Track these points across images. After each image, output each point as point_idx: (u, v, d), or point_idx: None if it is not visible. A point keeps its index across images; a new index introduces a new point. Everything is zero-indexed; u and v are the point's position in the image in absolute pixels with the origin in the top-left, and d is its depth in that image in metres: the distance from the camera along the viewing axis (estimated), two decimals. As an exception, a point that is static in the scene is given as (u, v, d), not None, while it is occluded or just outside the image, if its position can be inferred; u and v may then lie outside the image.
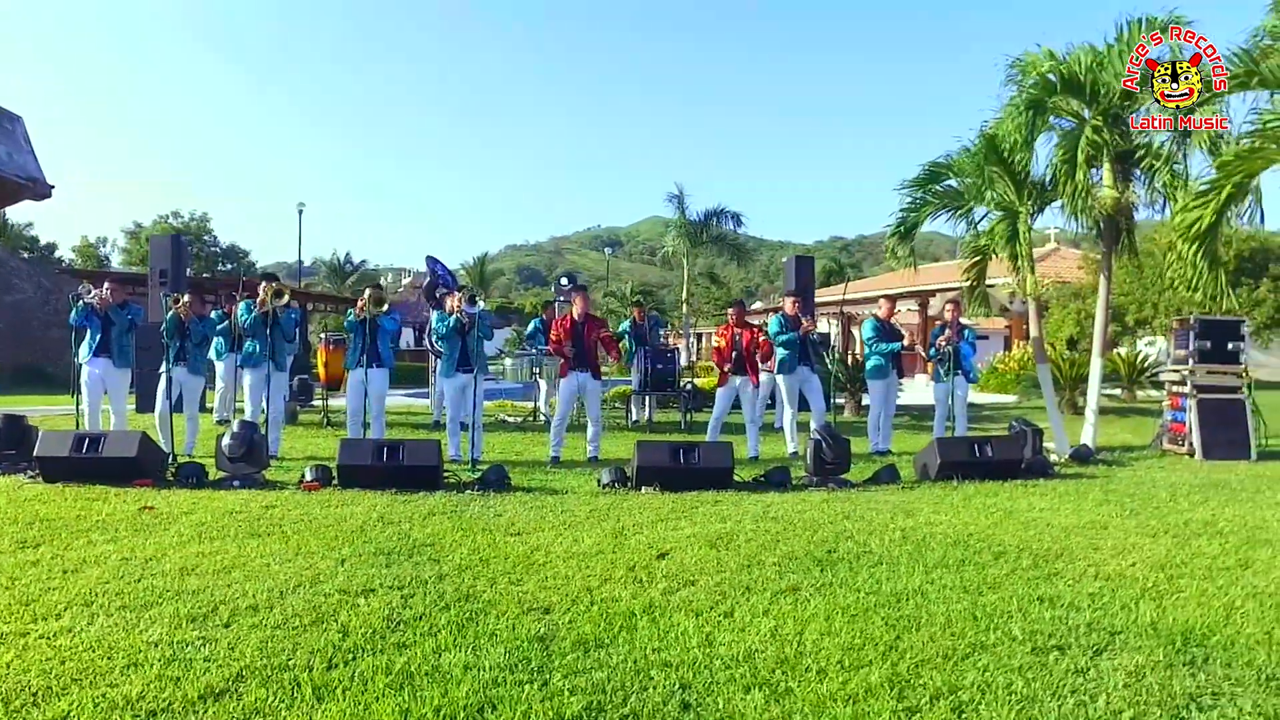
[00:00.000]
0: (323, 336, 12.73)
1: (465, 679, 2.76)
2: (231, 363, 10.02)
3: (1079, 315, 19.85)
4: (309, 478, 6.79)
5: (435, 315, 9.05)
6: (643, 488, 6.68)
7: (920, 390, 16.89)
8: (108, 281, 8.82)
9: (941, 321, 9.74)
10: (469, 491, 6.52)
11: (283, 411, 9.30)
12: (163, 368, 8.30)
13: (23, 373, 18.32)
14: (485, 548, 4.66)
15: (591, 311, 9.09)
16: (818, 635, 3.21)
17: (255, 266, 49.11)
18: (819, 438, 7.16)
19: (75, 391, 8.42)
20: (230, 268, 44.29)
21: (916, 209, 10.19)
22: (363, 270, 58.26)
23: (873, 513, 5.74)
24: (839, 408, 14.20)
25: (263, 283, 8.68)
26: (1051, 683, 2.81)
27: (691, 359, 25.95)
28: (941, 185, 10.09)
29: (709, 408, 9.43)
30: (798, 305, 9.43)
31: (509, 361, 12.38)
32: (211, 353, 10.34)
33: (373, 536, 4.92)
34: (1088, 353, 15.93)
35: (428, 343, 10.94)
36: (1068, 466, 8.31)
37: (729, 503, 6.09)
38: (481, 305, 8.64)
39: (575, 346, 8.49)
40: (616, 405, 13.67)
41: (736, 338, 8.97)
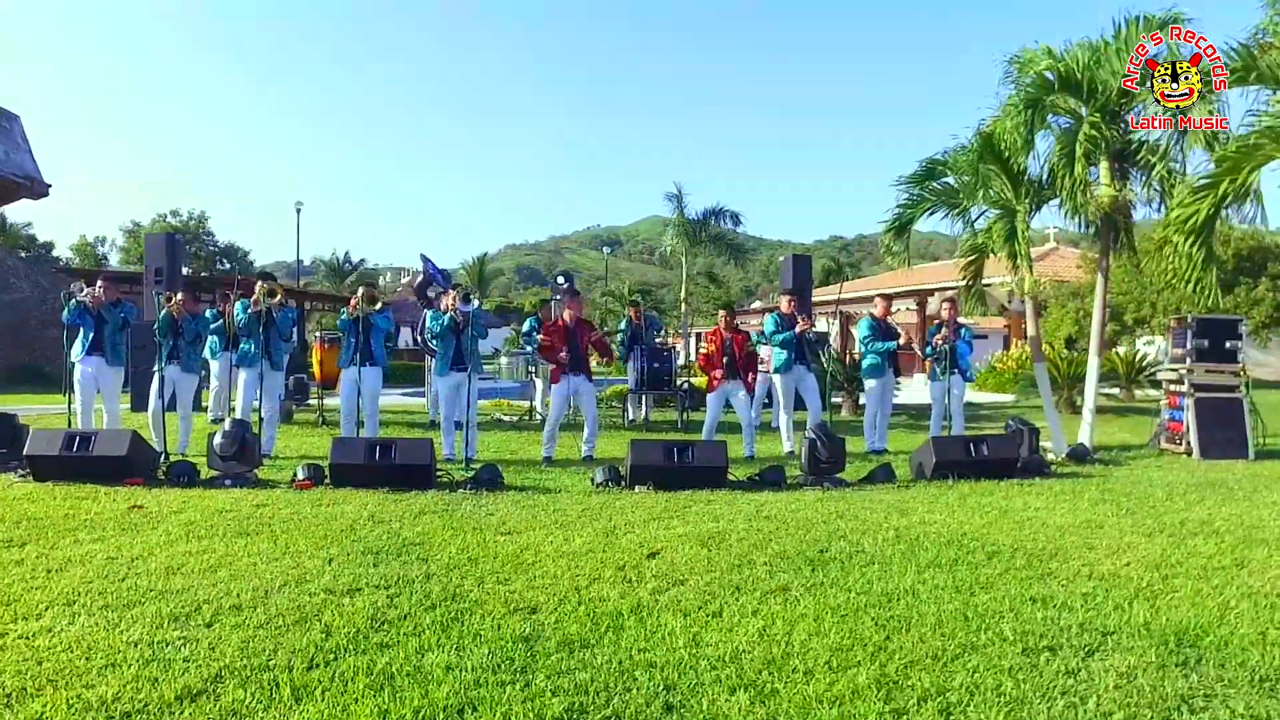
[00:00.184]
0: (318, 335, 12.67)
1: (446, 680, 2.72)
2: (226, 361, 9.98)
3: (1077, 314, 19.81)
4: (301, 477, 6.77)
5: (430, 314, 9.00)
6: (636, 487, 6.64)
7: (918, 389, 16.85)
8: (101, 280, 8.78)
9: (938, 320, 9.69)
10: (461, 490, 6.49)
11: (278, 410, 9.26)
12: (156, 366, 8.26)
13: (20, 372, 18.29)
14: (475, 547, 4.63)
15: (583, 315, 9.04)
16: (806, 635, 3.16)
17: (253, 265, 49.14)
18: (814, 437, 7.12)
19: (68, 390, 8.38)
20: (229, 267, 44.28)
21: (913, 205, 10.14)
22: (362, 269, 58.32)
23: (867, 512, 5.70)
24: (836, 407, 14.16)
25: (258, 282, 8.64)
26: (1041, 684, 2.77)
27: (690, 358, 25.89)
28: (938, 182, 10.04)
29: (706, 406, 9.39)
30: (794, 304, 9.37)
31: (505, 360, 12.34)
32: (206, 351, 10.32)
33: (362, 535, 4.89)
34: (1086, 352, 15.95)
35: (420, 340, 10.88)
36: (1064, 466, 8.27)
37: (722, 502, 6.05)
38: (476, 303, 8.60)
39: (570, 351, 8.42)
40: (613, 404, 13.64)
41: (728, 342, 8.91)
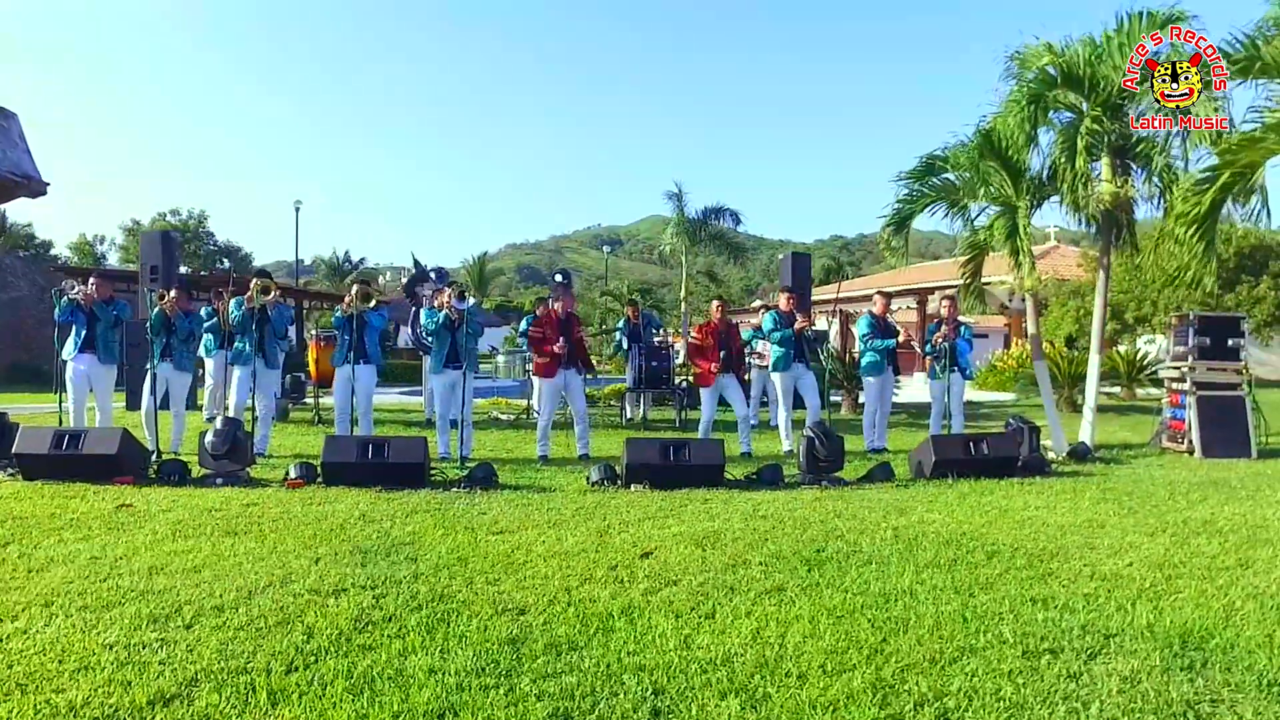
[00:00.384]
0: (314, 333, 12.59)
1: (428, 684, 2.63)
2: (222, 360, 9.92)
3: (1078, 313, 19.72)
4: (293, 475, 6.70)
5: (425, 311, 8.92)
6: (632, 485, 6.57)
7: (918, 388, 16.76)
8: (93, 277, 8.71)
9: (938, 318, 9.60)
10: (455, 489, 6.42)
11: (273, 409, 9.19)
12: (148, 364, 8.20)
13: (17, 371, 18.24)
14: (465, 546, 4.55)
15: (573, 311, 8.96)
16: (800, 638, 3.08)
17: (252, 264, 49.10)
18: (812, 435, 7.04)
19: (59, 388, 8.31)
20: (228, 266, 44.20)
21: (912, 201, 10.04)
22: (362, 269, 58.26)
23: (865, 511, 5.62)
24: (835, 405, 14.08)
25: (253, 280, 8.57)
26: (1042, 689, 2.68)
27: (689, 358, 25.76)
28: (938, 178, 9.94)
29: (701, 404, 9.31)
30: (793, 301, 9.29)
31: (502, 358, 12.26)
32: (201, 349, 10.26)
33: (351, 535, 4.81)
34: (1086, 351, 15.86)
35: (415, 338, 10.79)
36: (1065, 464, 8.18)
37: (718, 501, 5.97)
38: (471, 301, 8.52)
39: (564, 343, 8.36)
40: (612, 403, 13.56)
41: (723, 334, 8.82)
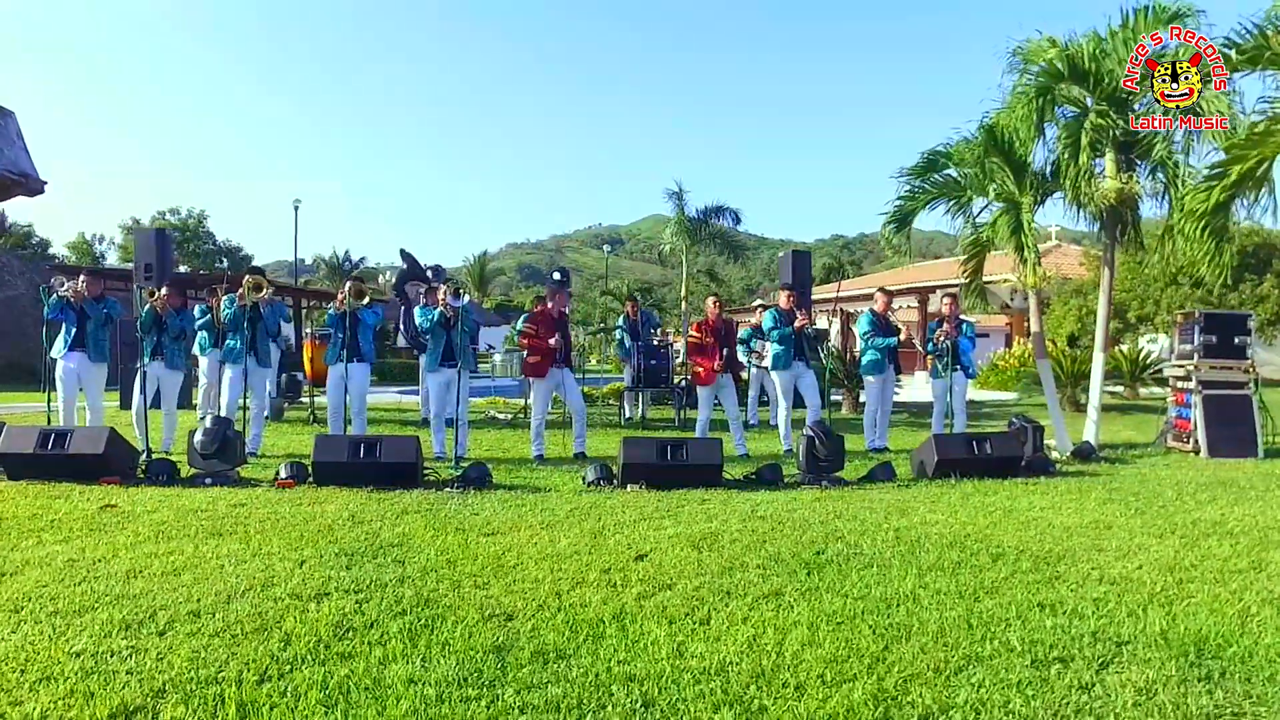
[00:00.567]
0: (309, 332, 12.46)
1: (407, 695, 2.50)
2: (215, 358, 9.80)
3: (1080, 312, 19.60)
4: (283, 475, 6.58)
5: (420, 309, 8.79)
6: (628, 486, 6.44)
7: (919, 387, 16.62)
8: (83, 274, 8.59)
9: (939, 316, 9.47)
10: (448, 490, 6.30)
11: (266, 407, 9.07)
12: (139, 363, 8.10)
13: (14, 370, 18.12)
14: (455, 548, 4.42)
15: (566, 310, 8.86)
16: (799, 646, 2.94)
17: (251, 263, 49.01)
18: (812, 434, 6.91)
19: (49, 387, 8.20)
20: (227, 265, 44.12)
21: (914, 198, 9.92)
22: (362, 268, 58.12)
23: (866, 512, 5.49)
24: (836, 404, 13.95)
25: (244, 277, 8.47)
26: (1053, 701, 2.54)
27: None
28: (940, 175, 9.82)
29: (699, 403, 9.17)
30: (793, 299, 9.16)
31: (499, 357, 12.13)
32: (196, 348, 10.14)
33: (339, 536, 4.68)
34: (1088, 350, 15.71)
35: (410, 336, 10.66)
36: (1069, 464, 8.05)
37: (716, 501, 5.84)
38: (466, 299, 8.40)
39: (560, 339, 8.26)
40: (610, 402, 13.44)
41: (721, 331, 8.69)
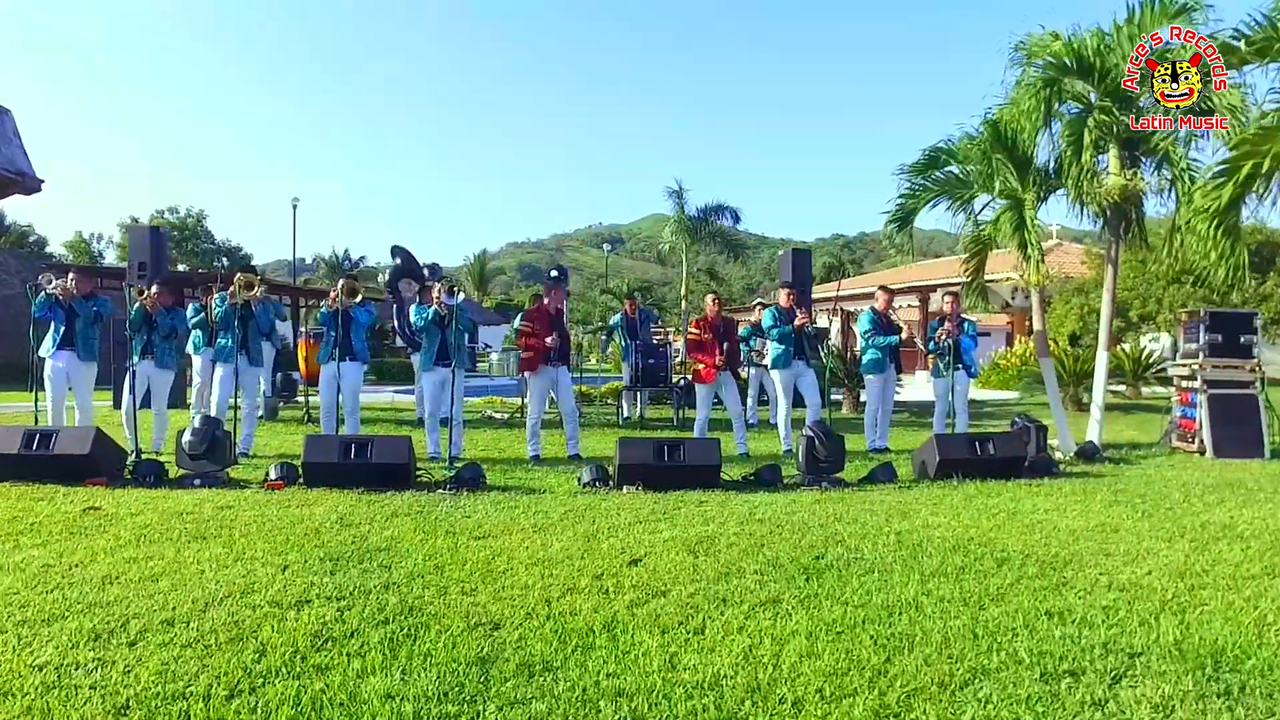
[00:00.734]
0: (303, 330, 12.34)
1: (382, 711, 2.37)
2: (209, 357, 9.69)
3: (1082, 310, 19.47)
4: (273, 476, 6.47)
5: (415, 308, 8.68)
6: (624, 487, 6.32)
7: (920, 386, 16.49)
8: (72, 272, 8.49)
9: (941, 315, 9.34)
10: (441, 491, 6.17)
11: (256, 407, 8.95)
12: (128, 362, 7.99)
13: (12, 370, 17.99)
14: (444, 553, 4.30)
15: (562, 308, 8.75)
16: (796, 657, 2.82)
17: (250, 262, 48.92)
18: (811, 434, 6.78)
19: (36, 386, 8.10)
20: (226, 265, 43.99)
21: (915, 196, 9.79)
22: (362, 267, 57.98)
23: (866, 514, 5.37)
24: (837, 403, 13.83)
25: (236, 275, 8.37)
26: (1065, 718, 2.42)
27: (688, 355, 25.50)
28: (941, 172, 9.69)
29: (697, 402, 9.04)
30: (793, 297, 9.03)
31: (495, 356, 12.01)
32: (190, 346, 10.03)
33: (325, 540, 4.56)
34: (1090, 348, 15.57)
35: (403, 334, 10.53)
36: (1073, 465, 7.93)
37: (714, 503, 5.72)
38: (461, 297, 8.28)
39: (556, 337, 8.14)
40: (608, 401, 13.32)
41: (720, 329, 8.56)
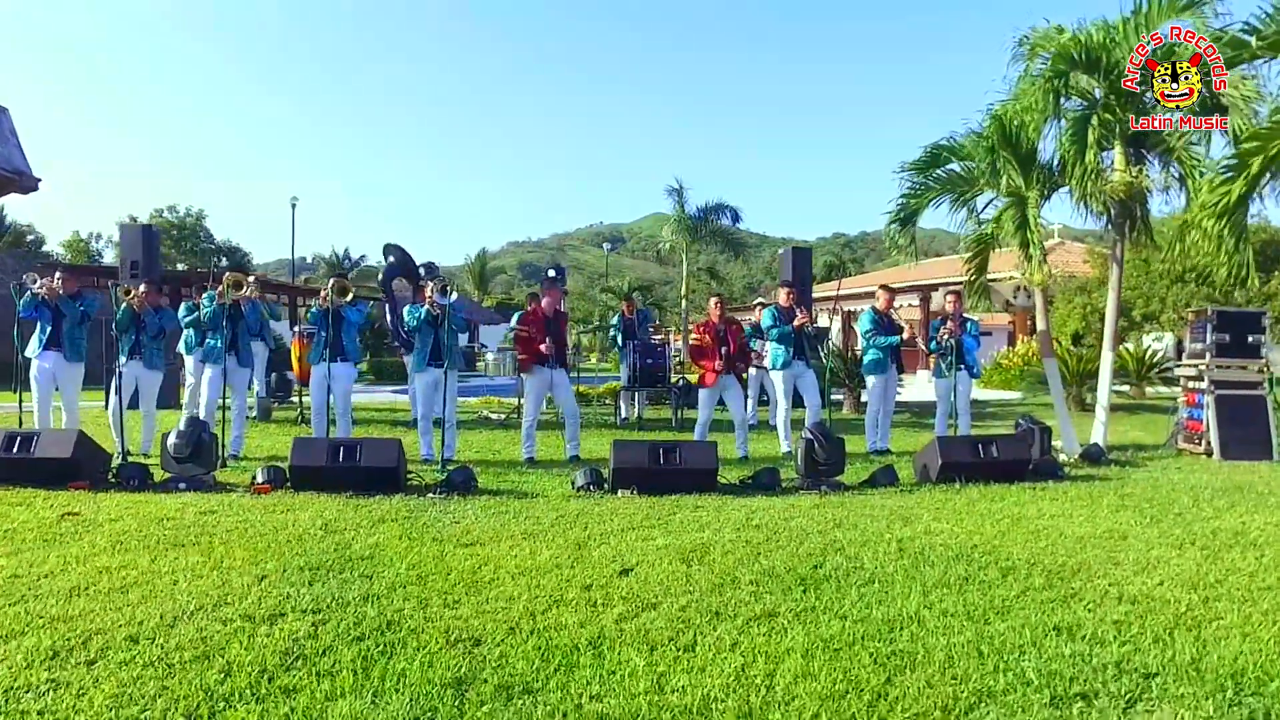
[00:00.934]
0: (297, 330, 12.18)
1: (348, 740, 2.24)
2: (200, 357, 9.55)
3: (1085, 310, 19.32)
4: (260, 480, 6.32)
5: (408, 308, 8.53)
6: (619, 491, 6.17)
7: (922, 386, 16.32)
8: (59, 271, 8.36)
9: (942, 314, 9.18)
10: (431, 495, 6.02)
11: (246, 408, 8.81)
12: (116, 362, 7.86)
13: (9, 369, 17.87)
14: (429, 561, 4.15)
15: (560, 308, 8.57)
16: (791, 678, 2.66)
17: (249, 262, 48.85)
18: (811, 437, 6.63)
19: (21, 387, 7.97)
20: (225, 263, 43.91)
21: (917, 195, 9.63)
22: (362, 266, 57.83)
23: (867, 520, 5.22)
24: (837, 404, 13.68)
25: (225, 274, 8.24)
26: (1076, 747, 2.27)
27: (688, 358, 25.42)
28: (943, 170, 9.53)
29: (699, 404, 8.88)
30: (792, 297, 8.87)
31: (491, 356, 11.86)
32: (181, 346, 9.90)
33: (307, 548, 4.41)
34: (1093, 348, 15.41)
35: (397, 333, 10.37)
36: (1078, 467, 7.77)
37: (710, 508, 5.57)
38: (454, 296, 8.12)
39: (550, 340, 7.97)
40: (605, 402, 13.18)
41: (721, 332, 8.41)
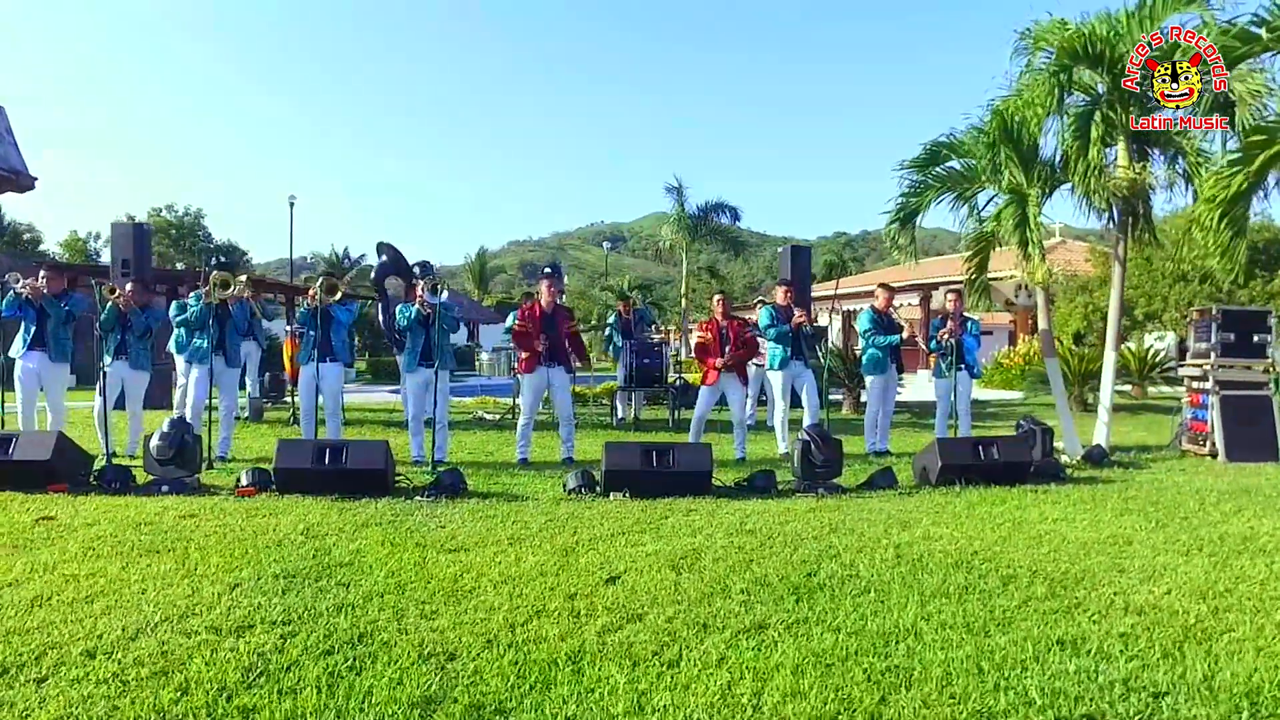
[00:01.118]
0: (288, 329, 12.04)
1: (303, 768, 2.09)
2: (186, 357, 9.42)
3: (1086, 309, 19.20)
4: (244, 483, 6.18)
5: (400, 307, 8.39)
6: (611, 494, 6.03)
7: (922, 386, 16.17)
8: (43, 269, 8.24)
9: (943, 313, 9.03)
10: (419, 498, 5.88)
11: (234, 408, 8.68)
12: (101, 362, 7.73)
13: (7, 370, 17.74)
14: (410, 568, 4.01)
15: (560, 302, 8.40)
16: (780, 696, 2.51)
17: (248, 261, 48.73)
18: (808, 438, 6.48)
19: (5, 388, 7.84)
20: (220, 263, 43.76)
21: (917, 194, 9.47)
22: (361, 266, 57.73)
23: (864, 524, 5.07)
24: (836, 404, 13.54)
25: (211, 273, 8.10)
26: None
27: (689, 354, 25.34)
28: (943, 167, 9.37)
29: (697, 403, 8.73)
30: (790, 295, 8.73)
31: (485, 355, 11.71)
32: (172, 345, 9.77)
33: (285, 554, 4.27)
34: (1095, 348, 15.26)
35: (389, 333, 10.23)
36: (1080, 469, 7.63)
37: (703, 512, 5.43)
38: (445, 295, 7.98)
39: (546, 338, 7.80)
40: (602, 402, 13.04)
41: (724, 330, 8.26)
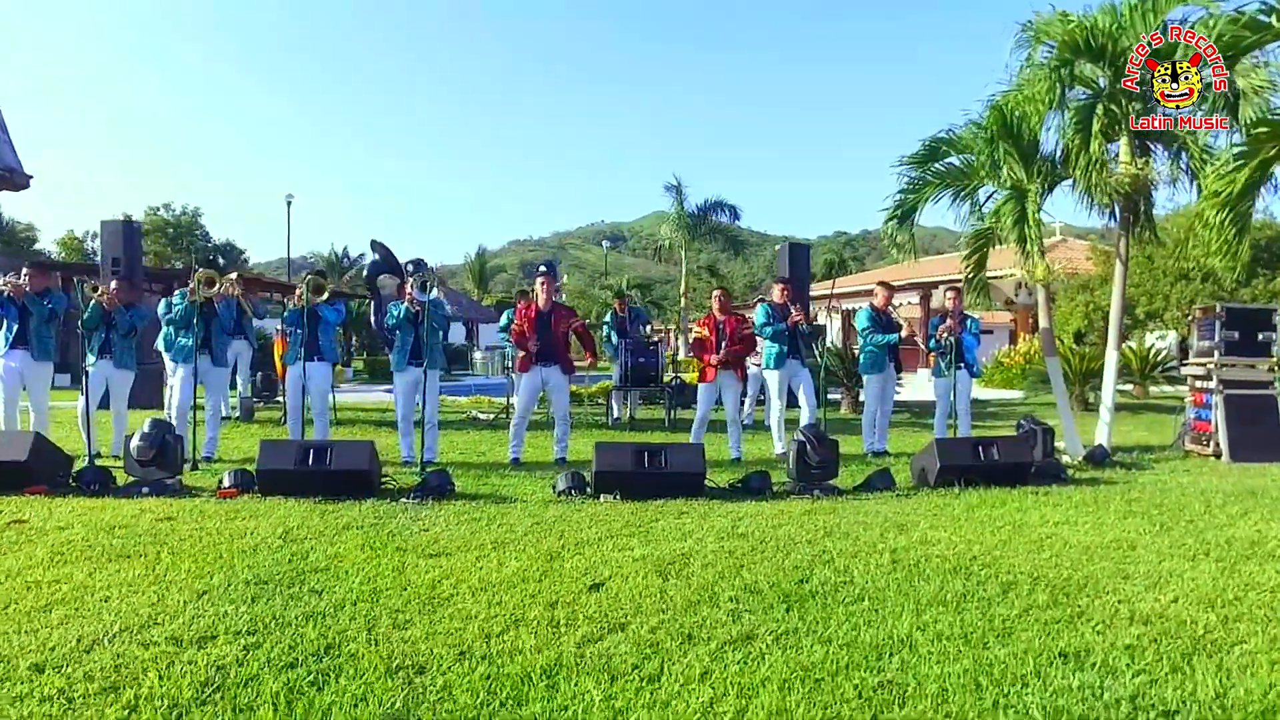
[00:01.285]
0: (279, 329, 11.88)
1: (246, 797, 1.95)
2: (171, 356, 9.28)
3: (1087, 308, 19.08)
4: (226, 484, 6.04)
5: (391, 304, 8.26)
6: (601, 496, 5.89)
7: (921, 385, 16.03)
8: (26, 267, 8.09)
9: (942, 311, 8.88)
10: (405, 500, 5.74)
11: (234, 408, 8.55)
12: (85, 361, 7.60)
13: None
14: (387, 574, 3.86)
15: (557, 300, 8.24)
16: (765, 715, 2.35)
17: (247, 261, 48.63)
18: (803, 439, 6.33)
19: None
20: (223, 263, 43.64)
21: (916, 190, 9.32)
22: (360, 265, 57.57)
23: (859, 528, 4.92)
24: (834, 404, 13.40)
25: (197, 271, 7.97)
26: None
27: (688, 353, 25.25)
28: (942, 164, 9.21)
29: (695, 404, 8.59)
30: (787, 293, 8.57)
31: (479, 355, 11.58)
32: (160, 343, 9.64)
33: (260, 559, 4.13)
34: (1096, 346, 15.11)
35: (380, 331, 10.11)
36: (1082, 470, 7.48)
37: (695, 515, 5.28)
38: (435, 293, 7.84)
39: (540, 339, 7.65)
40: (598, 402, 12.90)
41: (721, 327, 8.11)
